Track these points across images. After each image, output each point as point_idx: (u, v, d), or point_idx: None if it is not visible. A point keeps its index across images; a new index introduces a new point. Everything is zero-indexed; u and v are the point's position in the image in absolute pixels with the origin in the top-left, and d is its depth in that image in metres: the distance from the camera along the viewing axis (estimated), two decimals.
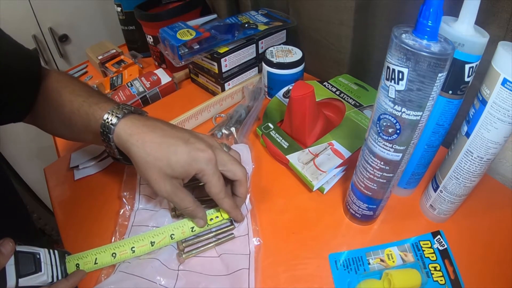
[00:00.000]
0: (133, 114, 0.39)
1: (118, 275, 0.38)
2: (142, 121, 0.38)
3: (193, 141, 0.37)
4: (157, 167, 0.35)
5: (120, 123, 0.37)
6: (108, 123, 0.37)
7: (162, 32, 0.62)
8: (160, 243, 0.40)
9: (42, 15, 1.04)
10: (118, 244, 0.40)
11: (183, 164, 0.35)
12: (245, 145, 0.52)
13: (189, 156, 0.36)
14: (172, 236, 0.40)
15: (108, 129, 0.37)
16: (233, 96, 0.65)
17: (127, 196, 0.47)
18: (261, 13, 0.70)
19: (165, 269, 0.38)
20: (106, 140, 0.38)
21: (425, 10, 0.26)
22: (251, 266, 0.38)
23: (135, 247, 0.39)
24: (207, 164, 0.36)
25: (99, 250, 0.39)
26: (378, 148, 0.33)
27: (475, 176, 0.36)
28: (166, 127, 0.38)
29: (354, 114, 0.54)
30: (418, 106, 0.29)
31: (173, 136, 0.37)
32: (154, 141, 0.36)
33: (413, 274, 0.37)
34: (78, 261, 0.38)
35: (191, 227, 0.41)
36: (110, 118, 0.37)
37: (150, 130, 0.37)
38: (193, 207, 0.38)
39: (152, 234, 0.40)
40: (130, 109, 0.39)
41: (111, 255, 0.39)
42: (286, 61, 0.60)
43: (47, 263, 0.35)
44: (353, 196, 0.41)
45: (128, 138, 0.36)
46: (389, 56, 0.28)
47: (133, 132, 0.36)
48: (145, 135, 0.36)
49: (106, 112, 0.37)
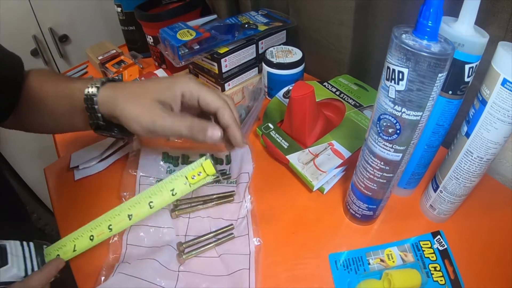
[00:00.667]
0: (110, 82, 0.41)
1: (118, 277, 0.37)
2: (120, 83, 0.40)
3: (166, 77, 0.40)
4: (145, 98, 0.37)
5: (100, 91, 0.38)
6: (89, 95, 0.38)
7: (162, 32, 0.62)
8: (138, 215, 0.37)
9: (42, 15, 1.04)
10: (94, 225, 0.37)
11: (165, 88, 0.38)
12: (245, 145, 0.53)
13: (168, 81, 0.39)
14: (150, 204, 0.37)
15: (92, 101, 0.38)
16: (233, 96, 0.65)
17: (127, 196, 0.47)
18: (261, 14, 0.70)
19: (165, 270, 0.38)
20: (92, 112, 0.39)
21: (425, 10, 0.26)
22: (251, 266, 0.38)
23: (112, 225, 0.37)
24: (191, 82, 0.38)
25: (76, 235, 0.37)
26: (378, 148, 0.33)
27: (475, 176, 0.36)
28: (142, 81, 0.41)
29: (354, 114, 0.54)
30: (418, 106, 0.29)
31: (149, 81, 0.40)
32: (136, 85, 0.39)
33: (413, 274, 0.37)
34: (58, 251, 0.37)
35: (170, 189, 0.37)
36: (91, 91, 0.38)
37: (129, 85, 0.39)
38: (198, 121, 0.37)
39: (128, 205, 0.37)
40: (108, 78, 0.41)
41: (89, 238, 0.37)
42: (286, 61, 0.60)
43: (17, 255, 0.33)
44: (353, 196, 0.41)
45: (111, 94, 0.38)
46: (389, 56, 0.28)
47: (116, 93, 0.38)
48: (127, 89, 0.38)
49: (85, 87, 0.39)
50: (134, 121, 0.37)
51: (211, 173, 0.37)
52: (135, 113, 0.37)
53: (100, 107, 0.39)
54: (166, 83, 0.39)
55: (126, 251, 0.41)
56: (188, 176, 0.37)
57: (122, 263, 0.39)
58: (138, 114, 0.36)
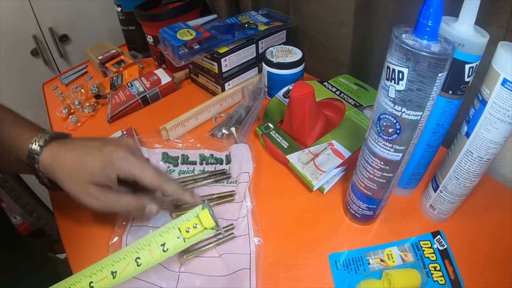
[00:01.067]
0: (55, 139, 0.39)
1: None
2: (63, 144, 0.38)
3: (106, 146, 0.37)
4: (79, 181, 0.36)
5: (43, 151, 0.37)
6: (32, 153, 0.37)
7: (162, 32, 0.62)
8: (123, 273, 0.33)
9: (42, 15, 1.04)
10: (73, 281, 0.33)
11: (100, 169, 0.36)
12: (245, 145, 0.52)
13: (103, 160, 0.36)
14: (137, 260, 0.33)
15: (33, 160, 0.37)
16: (233, 96, 0.65)
17: None
18: (261, 13, 0.70)
19: (165, 271, 0.38)
20: (34, 171, 0.38)
21: (425, 10, 0.26)
22: (252, 266, 0.38)
23: (93, 282, 0.32)
24: (123, 161, 0.36)
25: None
26: (378, 148, 0.33)
27: (475, 176, 0.36)
28: (83, 143, 0.39)
29: (354, 114, 0.54)
30: (418, 106, 0.29)
31: (88, 147, 0.38)
32: (72, 159, 0.37)
33: (413, 274, 0.37)
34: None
35: (161, 244, 0.34)
36: (33, 148, 0.37)
37: (69, 149, 0.37)
38: (135, 201, 0.37)
39: (111, 261, 0.33)
40: (52, 134, 0.39)
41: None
42: (286, 61, 0.60)
43: None
44: (353, 196, 0.41)
45: (51, 162, 0.37)
46: (389, 56, 0.28)
47: (54, 156, 0.37)
48: (65, 156, 0.37)
49: (30, 143, 0.37)
50: (76, 199, 0.37)
51: (210, 225, 0.33)
52: (74, 193, 0.37)
53: (41, 169, 0.37)
54: (102, 162, 0.36)
55: None
56: (181, 228, 0.34)
57: None
58: (77, 194, 0.36)
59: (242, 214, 0.44)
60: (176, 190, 0.38)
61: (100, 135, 0.60)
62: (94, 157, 0.36)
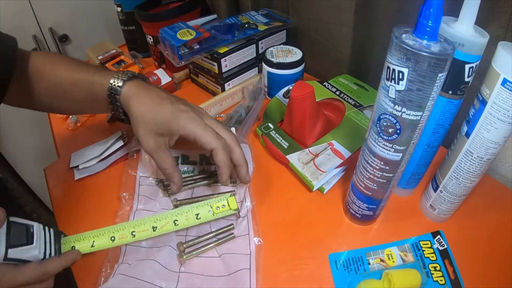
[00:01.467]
0: (136, 78, 0.43)
1: (118, 278, 0.37)
2: (142, 85, 0.42)
3: (178, 104, 0.41)
4: (145, 123, 0.40)
5: (125, 85, 0.42)
6: (114, 85, 0.42)
7: (162, 32, 0.62)
8: (162, 228, 0.39)
9: (42, 15, 1.04)
10: (118, 228, 0.39)
11: (165, 121, 0.39)
12: (245, 145, 0.52)
13: (171, 114, 0.40)
14: (175, 222, 0.40)
15: (115, 91, 0.42)
16: (233, 96, 0.65)
17: (126, 197, 0.47)
18: (261, 13, 0.70)
19: (165, 272, 0.38)
20: (113, 101, 0.42)
21: (425, 10, 0.26)
22: (252, 266, 0.38)
23: (135, 232, 0.39)
24: (188, 122, 0.39)
25: (97, 232, 0.38)
26: (378, 148, 0.33)
27: (475, 176, 0.36)
28: (161, 91, 0.42)
29: (354, 114, 0.54)
30: (418, 106, 0.29)
31: (164, 98, 0.41)
32: (148, 102, 0.40)
33: (413, 274, 0.37)
34: (74, 243, 0.37)
35: (195, 213, 0.40)
36: (117, 82, 0.42)
37: (147, 93, 0.41)
38: (171, 170, 0.41)
39: (154, 218, 0.40)
40: (134, 74, 0.44)
41: (110, 238, 0.38)
42: (286, 61, 0.60)
43: (40, 238, 0.34)
44: (353, 196, 0.41)
45: (129, 99, 0.41)
46: (389, 56, 0.28)
47: (133, 94, 0.41)
48: (142, 97, 0.41)
49: (112, 77, 0.42)
50: (135, 132, 0.41)
51: (234, 207, 0.42)
52: (137, 132, 0.41)
53: (122, 101, 0.42)
54: (170, 116, 0.39)
55: (125, 252, 0.41)
56: (213, 206, 0.41)
57: (121, 264, 0.39)
58: (139, 134, 0.41)
59: (242, 214, 0.44)
60: (222, 161, 0.40)
61: (100, 135, 0.60)
62: (165, 109, 0.40)
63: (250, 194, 0.46)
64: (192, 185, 0.48)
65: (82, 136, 0.62)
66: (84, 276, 0.40)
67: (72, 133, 0.64)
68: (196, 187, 0.48)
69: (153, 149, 0.40)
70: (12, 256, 0.32)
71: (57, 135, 0.65)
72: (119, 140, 0.55)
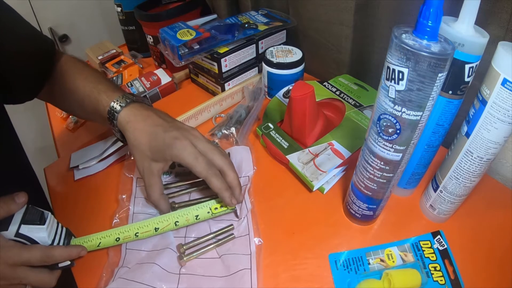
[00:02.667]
0: (134, 103, 0.45)
1: (118, 282, 0.37)
2: (140, 110, 0.44)
3: (172, 131, 0.42)
4: (140, 150, 0.42)
5: (122, 111, 0.43)
6: (113, 110, 0.43)
7: (162, 32, 0.62)
8: (164, 229, 0.42)
9: (42, 15, 1.04)
10: (123, 229, 0.41)
11: (159, 150, 0.41)
12: (246, 147, 0.52)
13: (164, 143, 0.41)
14: (176, 223, 0.42)
15: (113, 116, 0.44)
16: (233, 96, 0.65)
17: (124, 199, 0.47)
18: (261, 13, 0.70)
19: (165, 274, 0.38)
20: (111, 124, 0.44)
21: (425, 10, 0.26)
22: (253, 266, 0.38)
23: (138, 233, 0.41)
24: (180, 151, 0.40)
25: (104, 234, 0.41)
26: (378, 148, 0.33)
27: (475, 176, 0.36)
28: (156, 117, 0.44)
29: (354, 114, 0.54)
30: (418, 106, 0.29)
31: (158, 125, 0.42)
32: (142, 129, 0.42)
33: (413, 274, 0.37)
34: (83, 244, 0.40)
35: (195, 215, 0.42)
36: (115, 106, 0.43)
37: (142, 119, 0.43)
38: (156, 197, 0.43)
39: (157, 220, 0.42)
40: (132, 99, 0.45)
41: (115, 239, 0.41)
42: (286, 61, 0.60)
43: (52, 226, 0.38)
44: (353, 196, 0.41)
45: (125, 125, 0.43)
46: (389, 56, 0.28)
47: (129, 120, 0.43)
48: (137, 124, 0.43)
49: (112, 101, 0.44)
50: (132, 156, 0.45)
51: (232, 207, 0.43)
52: (134, 155, 0.43)
53: (118, 125, 0.44)
54: (163, 145, 0.41)
55: (125, 256, 0.41)
56: (212, 207, 0.43)
57: (121, 267, 0.39)
58: (136, 158, 0.43)
59: (242, 215, 0.44)
60: (217, 187, 0.41)
61: (100, 135, 0.60)
62: (159, 138, 0.41)
63: (250, 194, 0.46)
64: (189, 189, 0.48)
65: (82, 136, 0.62)
66: (85, 281, 0.39)
67: (72, 133, 0.64)
68: (193, 192, 0.48)
69: (145, 173, 0.42)
70: (23, 232, 0.35)
71: (57, 135, 0.65)
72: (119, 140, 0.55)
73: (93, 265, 0.40)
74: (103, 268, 0.40)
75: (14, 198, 0.36)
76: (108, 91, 0.45)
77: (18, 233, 0.35)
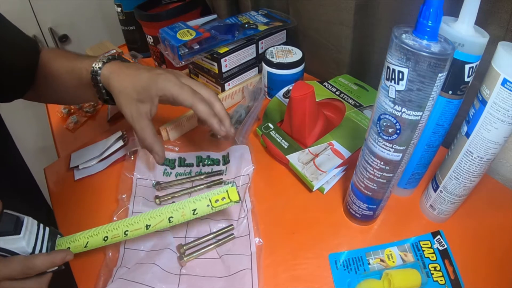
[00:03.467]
0: (115, 60, 0.46)
1: (118, 282, 0.37)
2: (121, 63, 0.45)
3: (156, 69, 0.43)
4: (126, 93, 0.42)
5: (104, 66, 0.44)
6: (95, 68, 0.44)
7: (162, 32, 0.62)
8: (156, 226, 0.38)
9: (42, 15, 1.04)
10: (111, 227, 0.38)
11: (144, 86, 0.41)
12: (245, 146, 0.52)
13: (149, 79, 0.41)
14: (170, 219, 0.38)
15: (96, 73, 0.44)
16: (233, 96, 0.65)
17: (124, 199, 0.47)
18: (261, 13, 0.70)
19: (166, 274, 0.38)
20: (95, 82, 0.44)
21: (425, 10, 0.26)
22: (253, 266, 0.38)
23: (128, 231, 0.38)
24: (165, 83, 0.41)
25: (91, 233, 0.38)
26: (378, 148, 0.33)
27: (475, 176, 0.36)
28: (139, 65, 0.45)
29: (354, 114, 0.54)
30: (418, 106, 0.29)
31: (141, 68, 0.43)
32: (127, 74, 0.43)
33: (413, 274, 0.37)
34: (69, 244, 0.37)
35: (193, 209, 0.38)
36: (97, 65, 0.44)
37: (125, 67, 0.44)
38: (151, 140, 0.42)
39: (148, 216, 0.38)
40: (114, 56, 0.46)
41: (103, 238, 0.37)
42: (286, 61, 0.60)
43: (31, 232, 0.34)
44: (353, 196, 0.41)
45: (109, 76, 0.43)
46: (389, 56, 0.28)
47: (113, 72, 0.44)
48: (121, 71, 0.43)
49: (92, 64, 0.44)
50: (117, 105, 0.43)
51: (235, 199, 0.39)
52: (120, 104, 0.43)
53: (102, 80, 0.44)
54: (148, 81, 0.41)
55: (124, 256, 0.40)
56: (212, 199, 0.39)
57: (120, 267, 0.39)
58: (122, 106, 0.42)
59: (242, 215, 0.44)
60: (204, 112, 0.41)
61: (100, 135, 0.60)
62: (143, 76, 0.42)
63: (250, 194, 0.46)
64: (189, 190, 0.48)
65: (82, 136, 0.62)
66: (85, 280, 0.39)
67: (72, 133, 0.64)
68: (193, 192, 0.48)
69: (135, 118, 0.42)
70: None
71: (57, 135, 0.65)
72: (119, 140, 0.55)
73: (93, 264, 0.40)
74: (101, 268, 0.40)
75: None
76: (87, 59, 0.46)
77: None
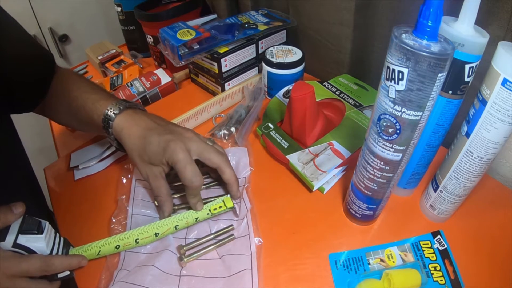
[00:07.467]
0: (128, 109, 0.45)
1: (118, 285, 0.37)
2: (132, 116, 0.44)
3: (165, 134, 0.42)
4: (138, 155, 0.42)
5: (116, 118, 0.44)
6: (107, 118, 0.44)
7: (162, 32, 0.62)
8: (164, 233, 0.42)
9: (42, 15, 1.04)
10: (123, 236, 0.41)
11: (154, 152, 0.41)
12: (244, 148, 0.52)
13: (158, 146, 0.41)
14: (176, 227, 0.42)
15: (108, 124, 0.44)
16: (233, 96, 0.65)
17: (123, 201, 0.47)
18: (261, 13, 0.70)
19: (166, 276, 0.38)
20: (107, 132, 0.45)
21: (425, 10, 0.26)
22: (253, 266, 0.38)
23: (139, 239, 0.41)
24: (174, 154, 0.40)
25: (103, 242, 0.40)
26: (378, 148, 0.33)
27: (475, 176, 0.36)
28: (149, 121, 0.44)
29: (354, 114, 0.54)
30: (418, 106, 0.29)
31: (151, 129, 0.43)
32: (136, 134, 0.43)
33: (413, 274, 0.37)
34: (82, 253, 0.40)
35: (195, 217, 0.43)
36: (109, 114, 0.44)
37: (136, 124, 0.43)
38: (163, 198, 0.43)
39: (157, 225, 0.42)
40: (125, 105, 0.45)
41: (115, 246, 0.40)
42: (286, 61, 0.60)
43: (50, 236, 0.37)
44: (353, 196, 0.41)
45: (120, 132, 0.43)
46: (389, 56, 0.28)
47: (124, 126, 0.43)
48: (131, 129, 0.43)
49: (105, 109, 0.44)
50: (132, 161, 0.44)
51: (230, 206, 0.44)
52: (134, 161, 0.43)
53: (113, 133, 0.44)
54: (157, 148, 0.41)
55: (124, 258, 0.40)
56: (211, 209, 0.44)
57: (121, 270, 0.39)
58: (136, 163, 0.43)
59: (241, 216, 0.44)
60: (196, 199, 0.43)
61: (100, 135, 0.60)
62: (152, 140, 0.42)
63: (250, 195, 0.46)
64: None
65: (82, 136, 0.62)
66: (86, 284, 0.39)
67: (72, 133, 0.64)
68: None
69: (150, 177, 0.42)
70: (21, 242, 0.34)
71: (57, 135, 0.65)
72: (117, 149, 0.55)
73: (94, 267, 0.40)
74: (102, 271, 0.39)
75: (12, 208, 0.35)
76: (101, 100, 0.45)
77: (16, 243, 0.34)
